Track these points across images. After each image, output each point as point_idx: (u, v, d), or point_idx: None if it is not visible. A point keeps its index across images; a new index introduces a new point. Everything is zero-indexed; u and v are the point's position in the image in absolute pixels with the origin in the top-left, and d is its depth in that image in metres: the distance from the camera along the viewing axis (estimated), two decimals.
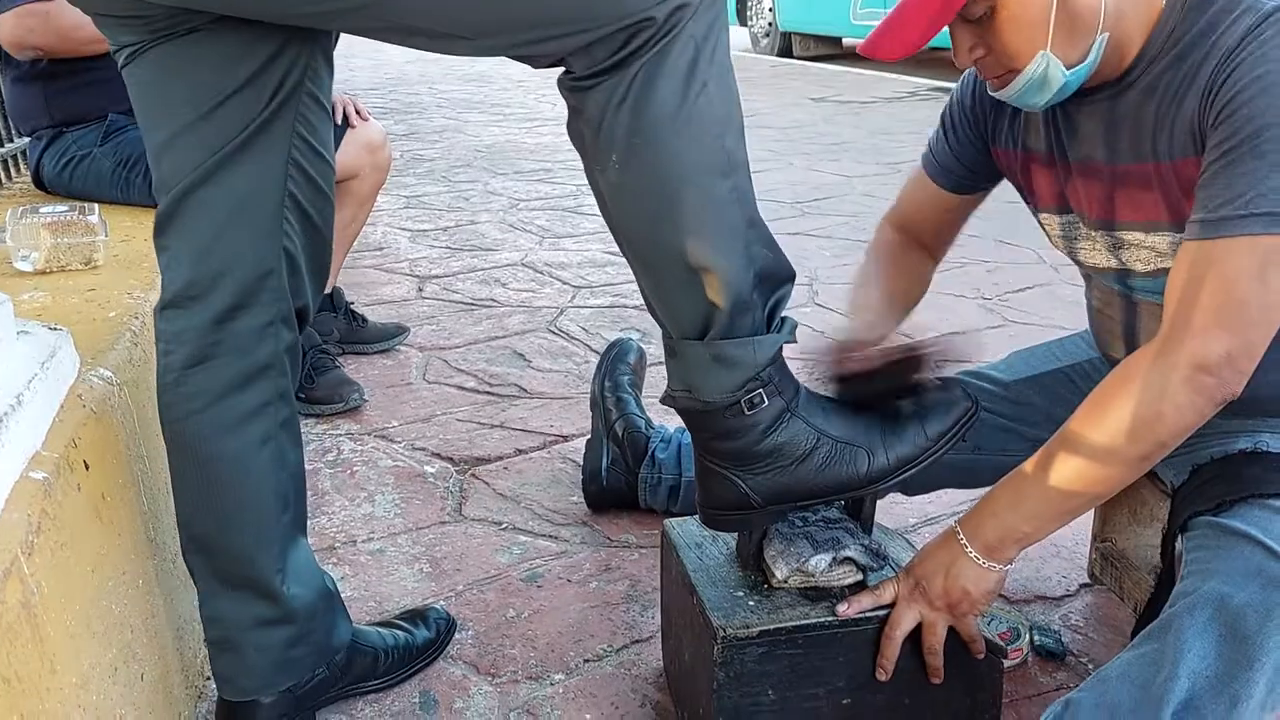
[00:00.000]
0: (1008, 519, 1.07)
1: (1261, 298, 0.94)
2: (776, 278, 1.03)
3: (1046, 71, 1.05)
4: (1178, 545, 1.09)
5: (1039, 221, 1.30)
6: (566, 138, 1.00)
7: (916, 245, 1.43)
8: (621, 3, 0.89)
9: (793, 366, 1.09)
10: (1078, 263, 1.28)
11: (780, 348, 1.05)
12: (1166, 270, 1.14)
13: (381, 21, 0.93)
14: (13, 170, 2.48)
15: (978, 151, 1.31)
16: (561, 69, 0.96)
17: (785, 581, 1.14)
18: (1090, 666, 1.36)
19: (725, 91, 0.95)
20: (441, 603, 1.49)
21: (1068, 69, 1.05)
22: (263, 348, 1.11)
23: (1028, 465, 1.07)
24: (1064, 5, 1.02)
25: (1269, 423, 1.11)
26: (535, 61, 0.96)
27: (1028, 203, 1.30)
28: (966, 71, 1.32)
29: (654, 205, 0.96)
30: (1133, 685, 0.96)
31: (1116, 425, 0.99)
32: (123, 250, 1.79)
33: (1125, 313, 1.24)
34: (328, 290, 2.46)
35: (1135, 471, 1.03)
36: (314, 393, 2.16)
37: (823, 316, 2.78)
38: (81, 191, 2.15)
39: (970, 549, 1.08)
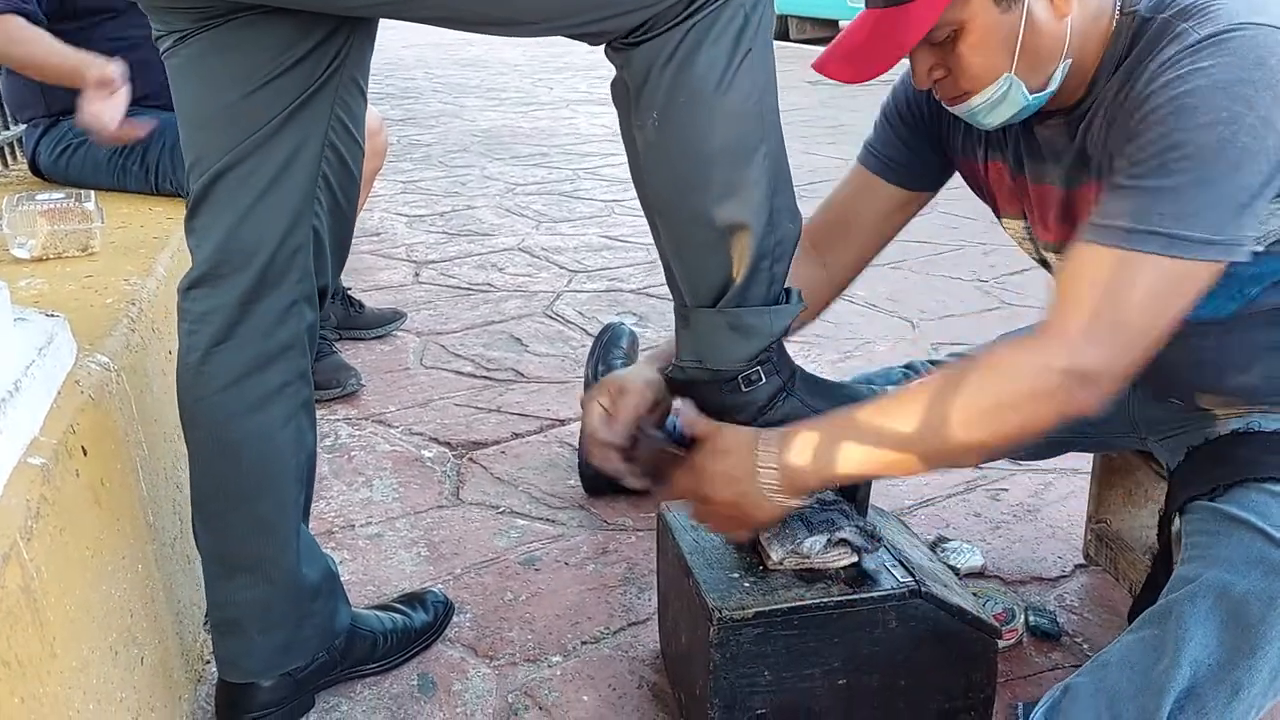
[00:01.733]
0: (822, 463, 1.00)
1: (1147, 321, 0.92)
2: (793, 246, 1.04)
3: (1007, 94, 1.02)
4: (1174, 527, 1.09)
5: (1003, 226, 1.28)
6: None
7: (819, 269, 1.32)
8: None
9: (791, 350, 1.09)
10: (1044, 263, 1.27)
11: (794, 318, 1.05)
12: None
13: (445, 11, 0.94)
14: (9, 158, 2.48)
15: (929, 148, 1.26)
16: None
17: (781, 563, 1.15)
18: (1085, 647, 1.37)
19: (766, 60, 0.97)
20: (439, 586, 1.50)
21: (1030, 93, 1.02)
22: (286, 327, 1.12)
23: (864, 414, 1.00)
24: (1031, 31, 0.99)
25: (1260, 407, 1.11)
26: (595, 39, 0.97)
27: (992, 209, 1.27)
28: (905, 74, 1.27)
29: (689, 166, 0.97)
30: (1133, 671, 0.97)
31: (970, 404, 0.95)
32: (119, 237, 1.79)
33: None
34: None
35: (956, 457, 0.99)
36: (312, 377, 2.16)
37: None
38: (78, 178, 2.15)
39: (766, 481, 1.02)
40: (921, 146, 1.26)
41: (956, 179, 1.31)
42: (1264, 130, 0.88)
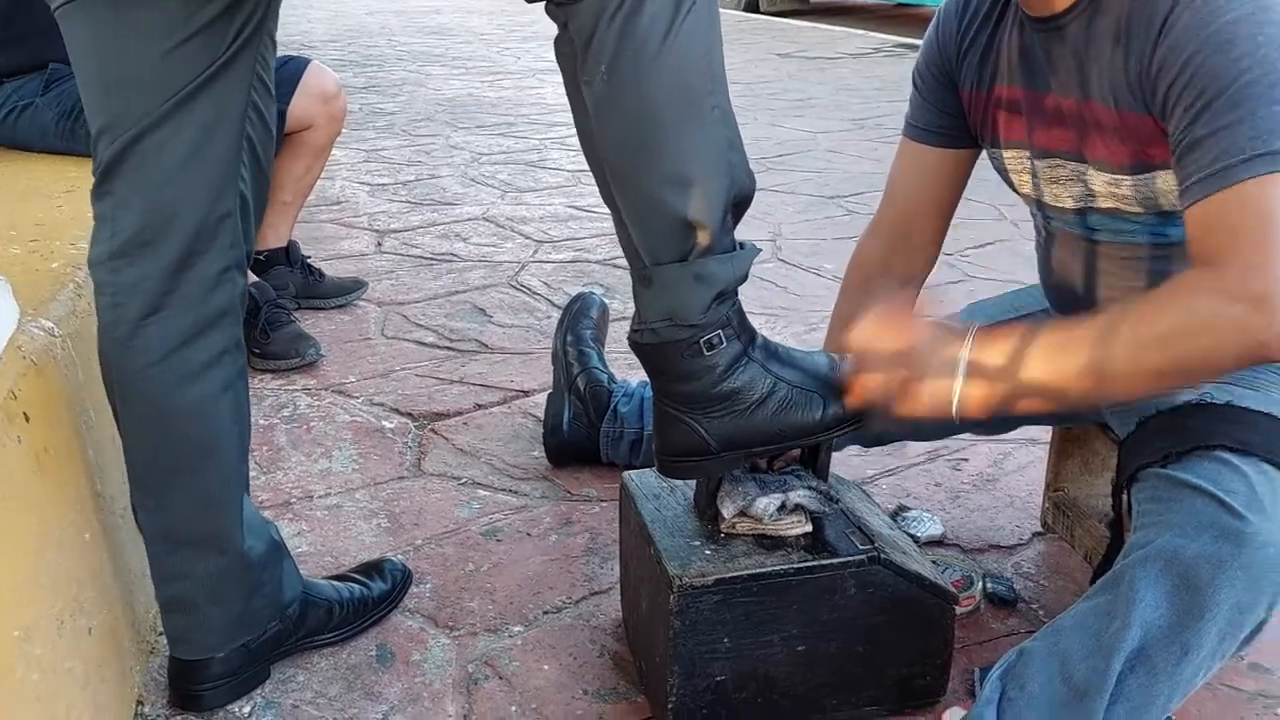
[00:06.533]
0: (1012, 369, 1.00)
1: None
2: (748, 200, 1.04)
3: None
4: (1127, 496, 1.10)
5: (1003, 163, 1.28)
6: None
7: (905, 258, 1.38)
8: None
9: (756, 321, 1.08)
10: (1039, 204, 1.27)
11: (750, 264, 1.05)
12: (1124, 212, 1.15)
13: None
14: None
15: (954, 98, 1.30)
16: None
17: (733, 525, 1.15)
18: (1041, 613, 1.39)
19: (712, 10, 0.96)
20: (399, 557, 1.48)
21: None
22: (220, 294, 1.09)
23: (1048, 334, 1.00)
24: None
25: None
26: None
27: (992, 144, 1.29)
28: (929, 29, 1.31)
29: (641, 119, 0.95)
30: (1085, 634, 0.97)
31: (1149, 331, 0.95)
32: (66, 201, 1.75)
33: (1087, 255, 1.24)
34: (283, 244, 2.42)
35: (1132, 385, 0.98)
36: (269, 348, 2.13)
37: (785, 272, 2.78)
38: (25, 142, 2.09)
39: (960, 389, 1.01)
40: (948, 101, 1.31)
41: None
42: None
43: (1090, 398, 1.03)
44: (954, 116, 1.31)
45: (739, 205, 1.03)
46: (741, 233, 1.05)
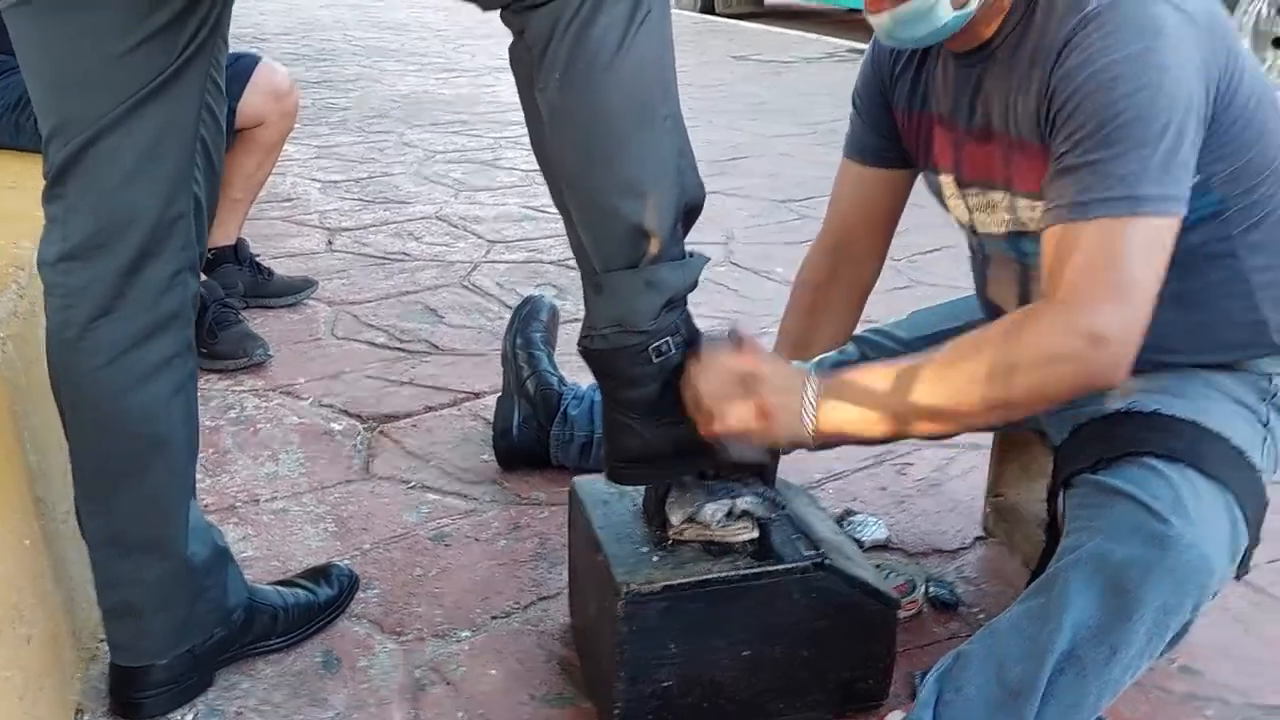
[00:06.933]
0: (853, 414, 1.06)
1: (1144, 276, 0.98)
2: (698, 208, 1.06)
3: (935, 7, 1.08)
4: (1061, 501, 1.13)
5: (937, 187, 1.32)
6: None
7: (851, 270, 1.43)
8: None
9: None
10: (972, 229, 1.31)
11: (700, 273, 1.07)
12: None
13: None
14: None
15: (890, 121, 1.33)
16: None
17: (681, 531, 1.16)
18: (982, 617, 1.42)
19: (665, 21, 0.98)
20: (346, 562, 1.48)
21: (955, 8, 1.09)
22: (171, 297, 1.08)
23: (893, 372, 1.05)
24: None
25: (1140, 384, 1.15)
26: (490, 3, 0.95)
27: (926, 166, 1.32)
28: (866, 53, 1.34)
29: (595, 128, 0.96)
30: (1020, 637, 1.00)
31: (992, 366, 1.00)
32: (10, 198, 1.71)
33: (1019, 278, 1.28)
34: (231, 242, 2.39)
35: (975, 418, 1.06)
36: (216, 348, 2.10)
37: (737, 275, 2.80)
38: None
39: (809, 419, 1.05)
40: (884, 124, 1.34)
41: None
42: (1177, 91, 0.99)
43: (940, 427, 1.10)
44: (890, 139, 1.35)
45: (689, 213, 1.05)
46: (694, 236, 1.06)
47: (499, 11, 0.96)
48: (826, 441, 1.10)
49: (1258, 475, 1.08)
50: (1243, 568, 1.06)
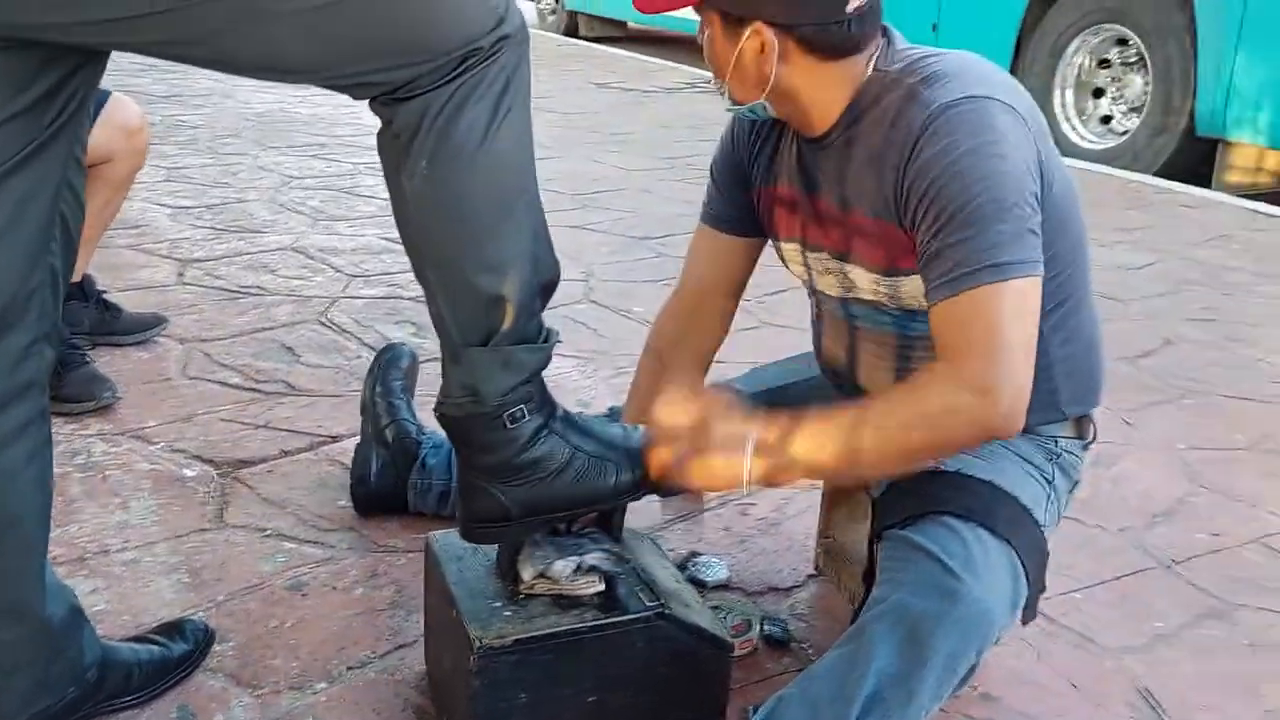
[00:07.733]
0: (782, 465, 1.17)
1: (1019, 335, 1.12)
2: (554, 285, 1.14)
3: (724, 91, 1.26)
4: (876, 549, 1.27)
5: (782, 253, 1.45)
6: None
7: (698, 335, 1.54)
8: (457, 34, 0.98)
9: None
10: (812, 288, 1.44)
11: (551, 352, 1.15)
12: (880, 304, 1.32)
13: (218, 55, 0.96)
14: None
15: (745, 194, 1.45)
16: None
17: (532, 586, 1.24)
18: (812, 653, 1.54)
19: (525, 116, 1.06)
20: (201, 614, 1.49)
21: (734, 103, 1.26)
22: (27, 367, 1.09)
23: (831, 423, 1.16)
24: (739, 63, 1.22)
25: None
26: (361, 93, 1.01)
27: (773, 236, 1.44)
28: (725, 130, 1.47)
29: (457, 216, 1.04)
30: (832, 681, 1.12)
31: (895, 419, 1.14)
32: None
33: (848, 337, 1.41)
34: (78, 278, 2.33)
35: (883, 467, 1.20)
36: (62, 390, 2.05)
37: (597, 314, 2.88)
38: None
39: (750, 465, 1.16)
40: (739, 197, 1.45)
41: None
42: (1019, 174, 1.14)
43: (855, 474, 1.26)
44: (744, 209, 1.46)
45: (545, 290, 1.14)
46: None
47: (368, 102, 1.02)
48: (761, 487, 1.22)
49: (1040, 531, 1.24)
50: (1029, 613, 1.22)
